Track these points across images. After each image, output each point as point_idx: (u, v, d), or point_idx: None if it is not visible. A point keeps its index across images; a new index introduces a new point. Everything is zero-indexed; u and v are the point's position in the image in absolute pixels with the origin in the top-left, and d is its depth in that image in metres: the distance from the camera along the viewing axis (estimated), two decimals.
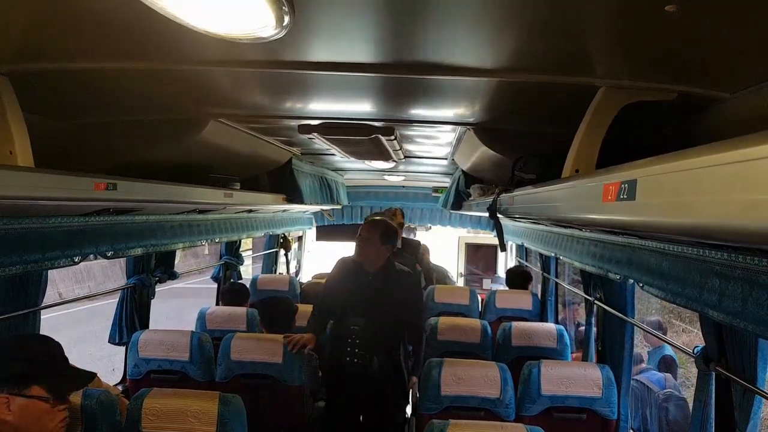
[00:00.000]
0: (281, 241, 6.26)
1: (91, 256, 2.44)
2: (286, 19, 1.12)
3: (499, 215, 2.36)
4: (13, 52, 1.44)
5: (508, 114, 2.22)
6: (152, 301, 3.63)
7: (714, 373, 1.91)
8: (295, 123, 2.50)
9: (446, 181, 5.66)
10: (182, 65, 1.54)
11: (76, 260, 2.33)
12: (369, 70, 1.58)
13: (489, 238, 8.27)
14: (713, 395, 1.94)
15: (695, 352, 2.02)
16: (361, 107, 2.22)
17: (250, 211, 4.13)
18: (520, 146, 2.35)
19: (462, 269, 8.79)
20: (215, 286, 5.17)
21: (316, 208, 5.91)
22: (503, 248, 2.62)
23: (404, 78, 1.65)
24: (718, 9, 0.98)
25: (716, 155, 0.64)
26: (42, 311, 2.43)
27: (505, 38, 1.32)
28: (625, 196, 0.84)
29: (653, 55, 1.28)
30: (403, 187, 6.70)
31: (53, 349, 1.81)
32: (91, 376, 1.95)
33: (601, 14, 1.08)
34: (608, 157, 1.57)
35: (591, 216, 1.10)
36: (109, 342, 3.48)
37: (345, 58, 1.50)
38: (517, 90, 1.77)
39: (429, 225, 7.79)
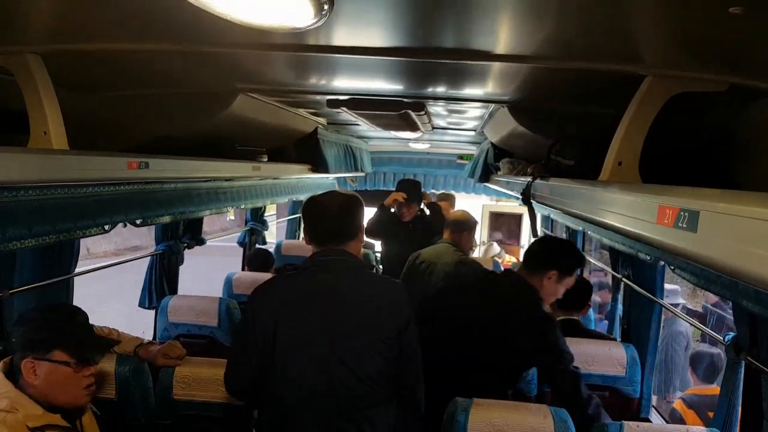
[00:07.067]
0: None
1: (121, 224, 2.48)
2: (325, 8, 1.08)
3: (532, 202, 2.29)
4: (47, 32, 1.43)
5: (546, 95, 2.14)
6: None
7: (744, 363, 1.88)
8: (322, 98, 2.46)
9: (472, 149, 5.57)
10: (214, 48, 1.51)
11: (107, 228, 2.36)
12: (401, 55, 1.54)
13: (513, 206, 8.17)
14: (741, 384, 1.92)
15: (726, 340, 1.99)
16: (391, 86, 2.17)
17: (275, 177, 4.12)
18: (557, 127, 2.26)
19: (485, 237, 8.74)
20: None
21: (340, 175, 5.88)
22: (535, 234, 2.55)
23: (438, 63, 1.60)
24: None
25: None
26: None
27: (548, 27, 1.25)
28: (684, 225, 0.80)
29: (709, 48, 1.21)
30: (428, 153, 6.62)
31: (76, 316, 1.86)
32: (114, 342, 1.99)
33: (659, 11, 1.02)
34: (650, 147, 1.52)
35: (642, 233, 1.05)
36: (139, 306, 3.56)
37: (378, 44, 1.46)
38: (557, 73, 1.70)
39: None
